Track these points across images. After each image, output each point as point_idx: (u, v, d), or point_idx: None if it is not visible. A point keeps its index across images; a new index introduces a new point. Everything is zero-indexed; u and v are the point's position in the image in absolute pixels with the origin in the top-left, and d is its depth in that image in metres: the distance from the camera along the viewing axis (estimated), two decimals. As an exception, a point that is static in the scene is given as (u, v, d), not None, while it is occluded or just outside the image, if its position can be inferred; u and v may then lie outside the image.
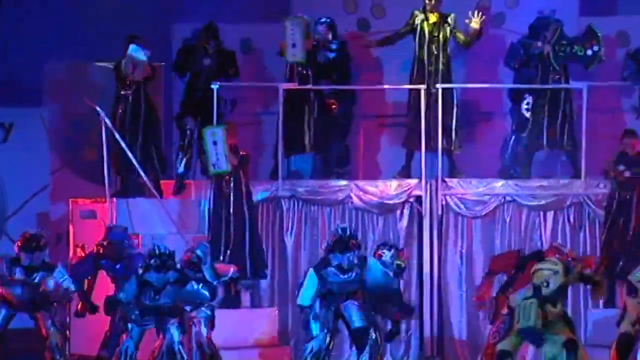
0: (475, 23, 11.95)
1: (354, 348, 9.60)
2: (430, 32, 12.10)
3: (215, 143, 11.18)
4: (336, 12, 13.06)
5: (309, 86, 12.21)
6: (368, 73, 12.89)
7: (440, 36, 12.07)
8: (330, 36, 12.23)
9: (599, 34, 12.04)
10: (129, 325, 9.52)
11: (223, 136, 11.22)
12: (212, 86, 12.00)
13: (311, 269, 9.72)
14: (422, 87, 11.94)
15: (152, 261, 9.44)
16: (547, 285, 9.05)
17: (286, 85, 12.15)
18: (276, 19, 12.79)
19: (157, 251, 9.46)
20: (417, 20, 12.11)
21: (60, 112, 12.89)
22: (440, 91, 11.89)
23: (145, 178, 11.37)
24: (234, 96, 12.70)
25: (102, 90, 12.57)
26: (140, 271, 9.47)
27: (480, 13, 11.97)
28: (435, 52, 12.07)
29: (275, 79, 12.53)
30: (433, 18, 12.10)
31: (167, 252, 9.53)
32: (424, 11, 12.11)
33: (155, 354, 9.56)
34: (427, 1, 12.08)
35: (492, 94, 12.79)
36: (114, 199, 11.56)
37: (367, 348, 9.35)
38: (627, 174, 11.10)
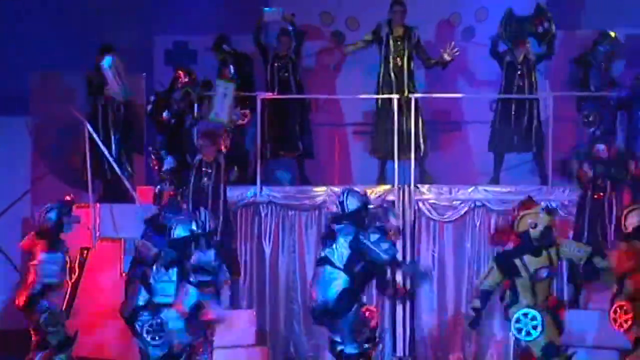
0: (448, 56, 12.10)
1: None
2: (396, 45, 12.28)
3: (225, 95, 11.37)
4: (312, 24, 13.25)
5: (287, 95, 12.35)
6: (337, 82, 13.12)
7: (405, 49, 12.21)
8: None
9: (548, 13, 12.11)
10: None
11: (232, 93, 11.42)
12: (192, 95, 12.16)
13: None
14: (395, 96, 12.08)
15: None
16: (535, 227, 8.93)
17: (264, 94, 12.25)
18: (252, 30, 12.96)
19: None
20: (383, 33, 12.27)
21: (45, 120, 12.95)
22: (413, 100, 12.02)
23: (128, 184, 11.48)
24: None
25: (88, 100, 12.67)
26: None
27: (454, 48, 12.14)
28: (400, 64, 12.21)
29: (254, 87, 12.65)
30: (398, 31, 12.24)
31: None
32: (389, 24, 12.29)
33: None
34: (391, 14, 12.22)
35: (461, 104, 12.97)
36: (98, 205, 11.67)
37: None
38: (591, 174, 11.14)
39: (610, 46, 12.10)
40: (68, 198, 10.30)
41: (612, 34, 12.16)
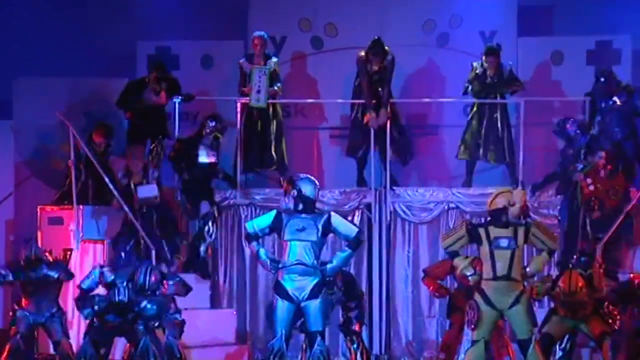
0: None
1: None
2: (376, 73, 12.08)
3: (260, 80, 11.76)
4: (291, 30, 13.25)
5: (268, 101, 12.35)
6: (315, 88, 13.10)
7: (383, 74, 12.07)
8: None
9: (519, 80, 12.13)
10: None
11: (266, 77, 11.73)
12: (175, 100, 12.17)
13: None
14: (372, 101, 12.09)
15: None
16: (514, 204, 8.87)
17: (244, 99, 12.25)
18: (235, 37, 12.96)
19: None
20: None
21: (29, 125, 12.88)
22: (388, 105, 12.00)
23: (112, 187, 11.45)
24: (196, 110, 12.92)
25: (70, 104, 12.64)
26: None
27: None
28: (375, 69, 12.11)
29: (234, 92, 12.60)
30: (376, 67, 12.06)
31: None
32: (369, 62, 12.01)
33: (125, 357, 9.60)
34: (371, 54, 11.96)
35: (435, 109, 12.96)
36: (81, 206, 11.64)
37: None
38: (592, 187, 11.13)
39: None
40: None
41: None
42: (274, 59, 12.33)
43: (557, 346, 9.71)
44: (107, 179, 11.26)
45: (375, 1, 12.87)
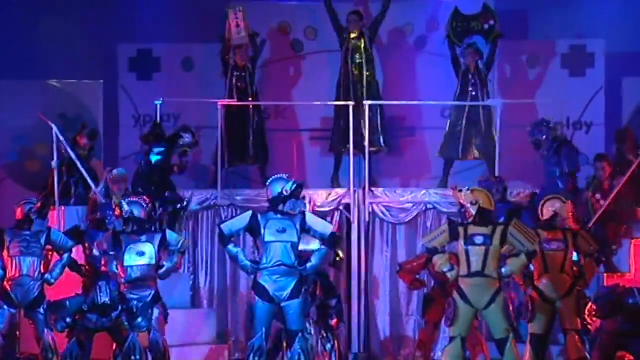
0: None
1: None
2: (354, 48, 12.17)
3: (236, 14, 11.82)
4: (271, 33, 13.21)
5: (246, 102, 12.25)
6: (295, 90, 13.04)
7: (362, 49, 12.13)
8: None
9: (493, 11, 12.12)
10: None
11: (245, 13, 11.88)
12: (155, 102, 12.09)
13: None
14: (351, 103, 12.01)
15: None
16: (476, 202, 8.91)
17: (224, 101, 12.17)
18: (215, 39, 12.89)
19: None
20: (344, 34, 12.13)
21: (5, 127, 12.78)
22: (367, 107, 12.00)
23: (94, 188, 11.36)
24: (178, 112, 12.86)
25: (45, 107, 12.47)
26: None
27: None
28: (358, 69, 12.14)
29: (215, 94, 12.53)
30: (354, 34, 12.14)
31: None
32: (347, 28, 12.16)
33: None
34: (349, 20, 12.12)
35: (414, 110, 12.93)
36: (63, 207, 11.52)
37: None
38: (602, 202, 11.02)
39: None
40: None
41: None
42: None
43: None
44: (90, 180, 11.15)
45: (354, 5, 12.82)
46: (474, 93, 12.09)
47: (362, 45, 12.15)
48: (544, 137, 11.24)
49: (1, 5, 12.83)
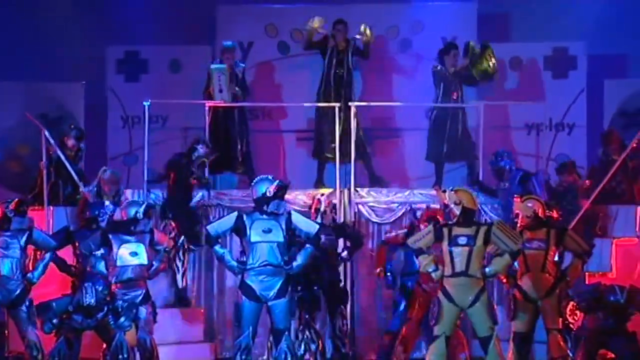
0: (366, 37, 12.03)
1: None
2: (339, 56, 12.11)
3: (220, 77, 11.69)
4: (258, 36, 13.18)
5: (233, 104, 12.19)
6: (282, 91, 13.01)
7: (347, 59, 12.09)
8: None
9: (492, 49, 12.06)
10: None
11: (226, 73, 11.73)
12: (144, 103, 12.04)
13: None
14: (337, 105, 11.96)
15: None
16: (460, 203, 8.88)
17: (211, 102, 12.14)
18: (203, 42, 12.88)
19: None
20: (329, 44, 12.13)
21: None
22: (353, 108, 11.94)
23: (82, 188, 11.31)
24: (165, 113, 12.84)
25: (27, 108, 12.37)
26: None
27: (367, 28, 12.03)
28: (340, 73, 12.09)
29: (202, 96, 12.47)
30: (342, 45, 12.12)
31: None
32: (334, 37, 12.13)
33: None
34: (336, 30, 12.10)
35: (398, 112, 12.91)
36: (51, 207, 11.39)
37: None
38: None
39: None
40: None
41: None
42: (241, 65, 12.22)
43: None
44: (78, 181, 11.09)
45: (340, 7, 12.84)
46: (455, 95, 12.07)
47: (348, 55, 12.09)
48: (508, 167, 11.19)
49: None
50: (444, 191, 9.14)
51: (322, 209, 10.54)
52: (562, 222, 10.12)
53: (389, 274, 10.57)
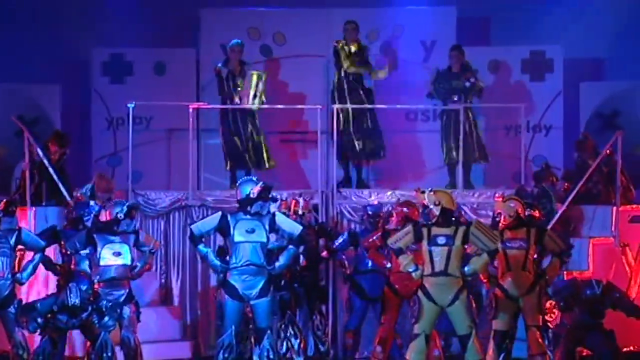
0: (382, 74, 12.10)
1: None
2: (351, 59, 12.06)
3: (258, 85, 11.70)
4: (241, 38, 13.00)
5: (218, 105, 12.16)
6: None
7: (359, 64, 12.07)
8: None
9: (474, 70, 12.13)
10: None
11: (264, 80, 11.75)
12: (128, 105, 11.94)
13: None
14: (318, 107, 11.90)
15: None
16: (439, 203, 8.88)
17: (196, 104, 12.11)
18: (187, 44, 12.80)
19: None
20: (342, 51, 12.06)
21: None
22: (335, 110, 11.87)
23: (62, 189, 11.19)
24: (150, 115, 12.75)
25: (3, 109, 12.37)
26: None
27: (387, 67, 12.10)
28: (353, 78, 12.08)
29: (186, 98, 12.39)
30: (354, 47, 12.10)
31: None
32: (345, 40, 12.10)
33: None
34: (347, 32, 12.08)
35: (381, 114, 12.87)
36: (34, 208, 11.17)
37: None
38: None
39: None
40: None
41: None
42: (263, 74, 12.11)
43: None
44: (59, 183, 10.98)
45: (322, 11, 12.81)
46: (455, 98, 12.07)
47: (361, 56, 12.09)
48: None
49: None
50: (423, 192, 9.09)
51: (300, 211, 10.49)
52: (543, 223, 10.11)
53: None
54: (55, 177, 11.05)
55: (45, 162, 11.14)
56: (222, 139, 12.08)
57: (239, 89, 11.98)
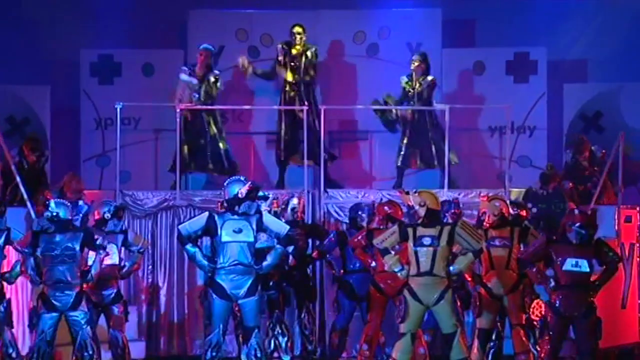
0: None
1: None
2: (295, 60, 12.09)
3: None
4: (229, 40, 13.08)
5: (205, 107, 12.08)
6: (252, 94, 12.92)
7: (303, 63, 12.09)
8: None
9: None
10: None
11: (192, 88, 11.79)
12: (116, 106, 11.89)
13: None
14: (305, 107, 11.91)
15: None
16: (424, 204, 8.85)
17: (183, 105, 12.03)
18: (175, 46, 12.76)
19: None
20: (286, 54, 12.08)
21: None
22: (322, 111, 11.83)
23: (23, 191, 10.97)
24: (138, 116, 12.70)
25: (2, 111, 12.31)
26: None
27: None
28: (299, 77, 12.08)
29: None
30: (297, 49, 12.11)
31: None
32: (289, 43, 12.11)
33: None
34: (296, 37, 12.09)
35: (367, 115, 12.73)
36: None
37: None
38: (534, 210, 11.02)
39: None
40: None
41: None
42: (216, 72, 12.12)
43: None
44: (23, 188, 10.81)
45: (309, 13, 12.77)
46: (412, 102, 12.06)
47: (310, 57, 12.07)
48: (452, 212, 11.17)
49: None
50: (407, 193, 9.08)
51: (279, 211, 10.46)
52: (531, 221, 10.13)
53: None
54: (19, 182, 10.92)
55: (13, 168, 11.04)
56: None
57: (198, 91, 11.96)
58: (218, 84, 12.09)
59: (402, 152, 12.12)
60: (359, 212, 10.43)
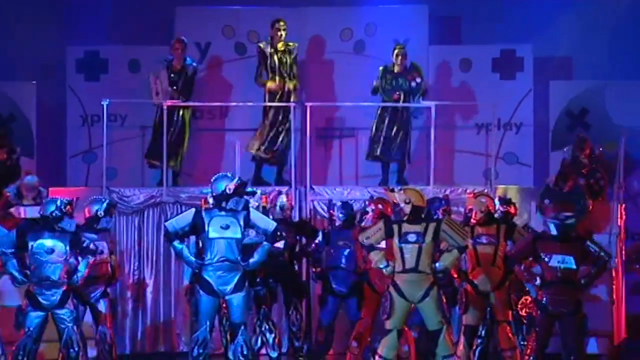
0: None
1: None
2: (280, 59, 12.05)
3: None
4: (215, 36, 13.03)
5: (190, 103, 12.05)
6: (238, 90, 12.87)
7: (287, 61, 12.06)
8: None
9: (420, 68, 12.11)
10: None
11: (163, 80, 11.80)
12: (102, 102, 11.82)
13: None
14: (292, 104, 11.92)
15: None
16: (409, 202, 8.83)
17: (170, 102, 12.00)
18: (161, 42, 12.68)
19: None
20: (267, 51, 12.04)
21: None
22: (308, 108, 11.80)
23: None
24: (125, 112, 12.64)
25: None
26: None
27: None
28: (284, 76, 12.04)
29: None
30: (280, 47, 12.05)
31: None
32: (272, 42, 12.07)
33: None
34: (278, 34, 12.04)
35: (354, 112, 12.78)
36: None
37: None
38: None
39: None
40: None
41: None
42: (193, 64, 12.10)
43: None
44: None
45: (296, 10, 12.73)
46: (396, 96, 12.00)
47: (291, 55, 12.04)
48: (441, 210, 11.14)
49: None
50: (392, 190, 9.05)
51: (268, 207, 10.42)
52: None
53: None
54: None
55: None
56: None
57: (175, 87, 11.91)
58: (195, 76, 12.01)
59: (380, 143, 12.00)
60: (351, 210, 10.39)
